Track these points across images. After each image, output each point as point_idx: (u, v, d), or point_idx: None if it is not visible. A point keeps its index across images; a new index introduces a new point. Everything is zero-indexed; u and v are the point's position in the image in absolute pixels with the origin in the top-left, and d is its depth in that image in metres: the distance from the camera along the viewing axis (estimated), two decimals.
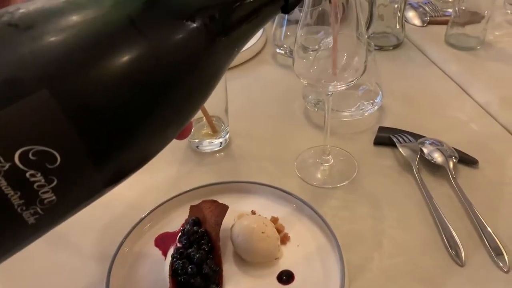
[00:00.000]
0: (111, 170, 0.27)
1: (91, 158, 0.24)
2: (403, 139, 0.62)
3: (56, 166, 0.23)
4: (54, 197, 0.24)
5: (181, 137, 0.36)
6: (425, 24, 0.91)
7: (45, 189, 0.23)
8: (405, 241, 0.50)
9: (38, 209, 0.23)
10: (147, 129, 0.27)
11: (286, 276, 0.47)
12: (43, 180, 0.23)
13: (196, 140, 0.65)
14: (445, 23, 0.87)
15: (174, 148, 0.66)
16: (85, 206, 0.27)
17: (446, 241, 0.50)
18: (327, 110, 0.55)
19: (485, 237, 0.50)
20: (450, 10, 0.87)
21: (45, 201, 0.23)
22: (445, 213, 0.52)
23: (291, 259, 0.48)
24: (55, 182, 0.23)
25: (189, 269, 0.44)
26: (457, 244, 0.49)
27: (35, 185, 0.23)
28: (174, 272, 0.45)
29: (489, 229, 0.50)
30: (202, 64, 0.30)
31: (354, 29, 0.49)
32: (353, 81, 0.50)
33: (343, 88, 0.51)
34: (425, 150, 0.60)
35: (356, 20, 0.48)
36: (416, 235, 0.51)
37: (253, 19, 0.33)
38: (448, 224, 0.51)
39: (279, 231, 0.51)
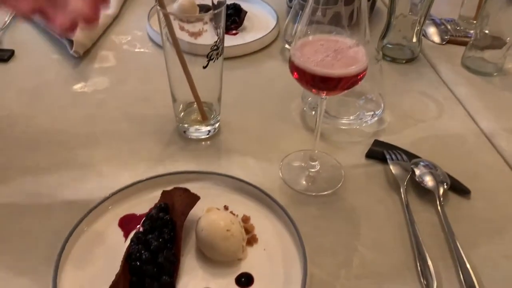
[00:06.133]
0: None
1: None
2: (397, 156, 0.59)
3: None
4: None
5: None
6: (444, 42, 0.88)
7: None
8: (376, 263, 0.48)
9: None
10: None
11: (245, 279, 0.45)
12: None
13: (185, 125, 0.63)
14: (465, 44, 0.83)
15: (161, 130, 0.64)
16: None
17: (419, 269, 0.47)
18: (319, 115, 0.53)
19: (461, 273, 0.47)
20: (472, 32, 0.83)
21: None
22: (424, 240, 0.50)
23: (254, 262, 0.46)
24: None
25: (144, 256, 0.42)
26: (430, 274, 0.46)
27: None
28: (129, 257, 0.43)
29: (468, 265, 0.47)
30: None
31: (362, 35, 0.46)
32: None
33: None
34: (417, 172, 0.57)
35: (364, 28, 0.46)
36: (389, 258, 0.48)
37: None
38: (426, 252, 0.48)
39: (248, 231, 0.49)
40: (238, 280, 0.45)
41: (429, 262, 0.47)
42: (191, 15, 0.55)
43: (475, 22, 0.90)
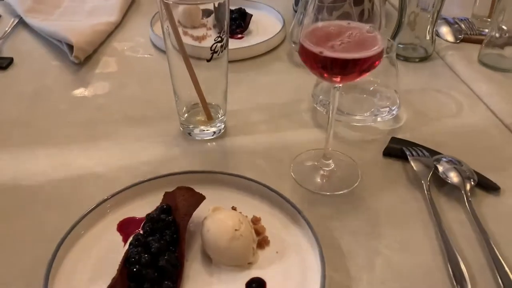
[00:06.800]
0: None
1: None
2: (417, 152, 0.55)
3: None
4: None
5: None
6: (458, 41, 0.84)
7: None
8: (402, 265, 0.43)
9: None
10: None
11: (256, 285, 0.40)
12: None
13: (190, 126, 0.60)
14: (480, 42, 0.80)
15: (164, 132, 0.60)
16: None
17: (451, 272, 0.42)
18: (332, 109, 0.49)
19: (499, 275, 0.42)
20: (487, 30, 0.80)
21: None
22: (454, 240, 0.45)
23: (266, 266, 0.42)
24: None
25: (143, 259, 0.38)
26: (464, 278, 0.42)
27: None
28: (127, 260, 0.39)
29: (505, 267, 0.42)
30: None
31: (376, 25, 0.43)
32: None
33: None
34: (440, 168, 0.52)
35: (379, 19, 0.43)
36: (416, 260, 0.44)
37: None
38: (457, 253, 0.43)
39: (258, 233, 0.44)
40: (248, 286, 0.40)
41: (462, 265, 0.43)
42: (194, 2, 0.52)
43: (489, 20, 0.87)
